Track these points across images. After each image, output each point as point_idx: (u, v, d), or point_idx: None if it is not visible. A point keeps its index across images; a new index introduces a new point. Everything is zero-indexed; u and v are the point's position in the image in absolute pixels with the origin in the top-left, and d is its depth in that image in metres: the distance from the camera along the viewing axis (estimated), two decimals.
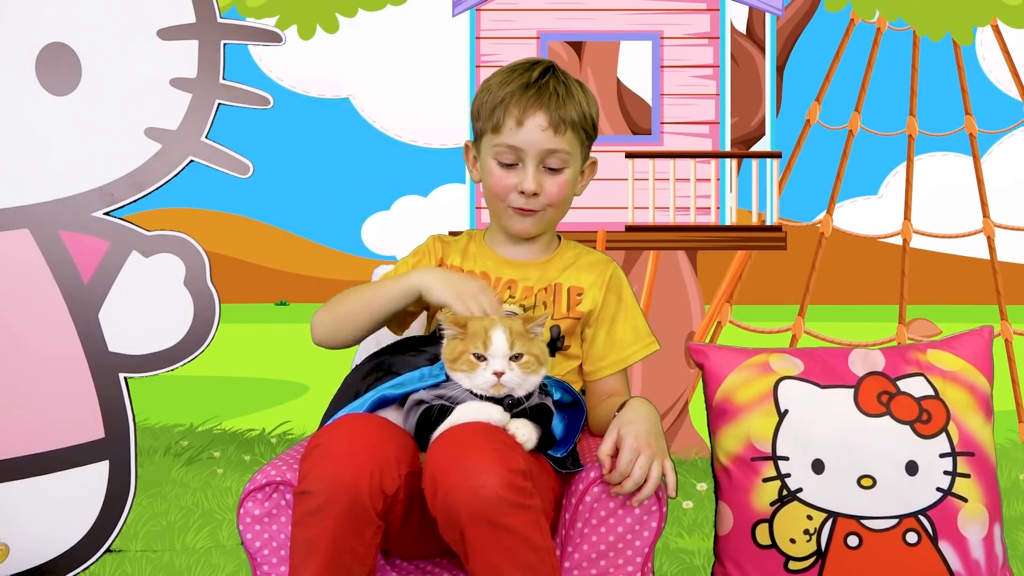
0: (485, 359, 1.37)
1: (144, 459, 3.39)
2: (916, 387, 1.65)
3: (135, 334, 2.34)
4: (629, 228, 3.60)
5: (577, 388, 1.60)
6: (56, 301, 2.32)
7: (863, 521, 1.60)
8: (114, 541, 2.35)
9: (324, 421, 1.50)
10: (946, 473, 1.61)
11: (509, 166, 1.58)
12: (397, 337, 1.61)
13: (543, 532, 1.29)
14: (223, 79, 2.34)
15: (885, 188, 3.86)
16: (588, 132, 1.61)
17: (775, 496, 1.61)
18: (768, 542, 1.61)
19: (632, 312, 1.66)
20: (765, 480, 1.62)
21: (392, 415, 1.42)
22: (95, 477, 2.34)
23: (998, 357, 2.24)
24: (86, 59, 2.33)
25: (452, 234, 1.74)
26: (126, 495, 2.35)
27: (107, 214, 2.34)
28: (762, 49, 3.78)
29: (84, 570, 2.35)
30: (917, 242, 3.80)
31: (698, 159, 3.64)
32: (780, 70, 3.81)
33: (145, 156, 2.34)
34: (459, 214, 3.70)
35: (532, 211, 1.60)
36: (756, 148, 3.80)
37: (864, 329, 3.75)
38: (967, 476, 1.62)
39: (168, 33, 2.33)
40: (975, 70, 3.79)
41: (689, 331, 3.78)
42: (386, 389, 1.43)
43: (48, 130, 2.34)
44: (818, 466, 1.61)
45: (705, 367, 1.70)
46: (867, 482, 1.60)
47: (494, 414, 1.35)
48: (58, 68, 2.32)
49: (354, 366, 1.68)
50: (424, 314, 1.67)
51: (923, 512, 1.60)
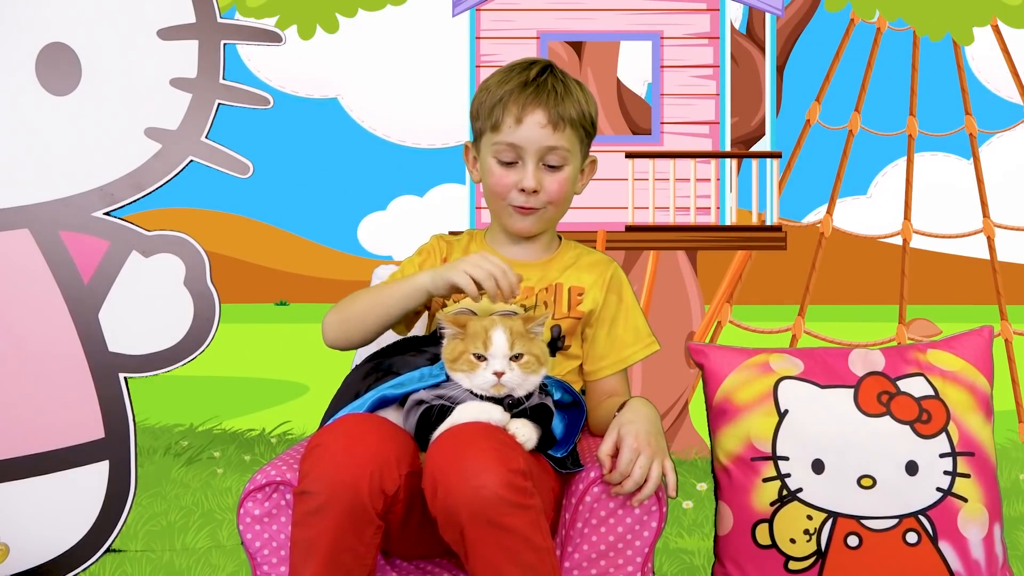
0: (485, 359, 1.37)
1: (144, 459, 3.39)
2: (916, 387, 1.65)
3: (135, 334, 2.34)
4: (629, 228, 3.60)
5: (577, 388, 1.60)
6: (56, 301, 2.31)
7: (863, 521, 1.60)
8: (114, 541, 2.35)
9: (324, 421, 1.50)
10: (946, 473, 1.61)
11: (509, 164, 1.58)
12: (398, 337, 1.61)
13: (543, 532, 1.29)
14: (223, 79, 2.34)
15: (874, 188, 3.86)
16: (587, 130, 1.61)
17: (775, 496, 1.61)
18: (768, 542, 1.61)
19: (633, 312, 1.66)
20: (765, 480, 1.62)
21: (392, 415, 1.42)
22: (95, 477, 2.34)
23: (998, 357, 2.24)
24: (86, 59, 2.33)
25: (452, 234, 1.74)
26: (126, 495, 2.35)
27: (107, 214, 2.34)
28: (762, 49, 3.78)
29: (84, 570, 2.35)
30: (917, 242, 3.80)
31: (698, 159, 3.64)
32: (780, 70, 3.81)
33: (145, 156, 2.34)
34: (455, 214, 3.70)
35: (532, 209, 1.60)
36: (756, 148, 3.80)
37: (864, 329, 3.75)
38: (967, 476, 1.62)
39: (168, 33, 2.32)
40: (966, 71, 3.80)
41: (689, 331, 3.78)
42: (386, 389, 1.43)
43: (48, 130, 2.33)
44: (818, 466, 1.61)
45: (705, 367, 1.70)
46: (867, 482, 1.60)
47: (494, 414, 1.35)
48: (58, 68, 2.32)
49: (354, 366, 1.68)
50: (424, 314, 1.67)
51: (923, 512, 1.60)
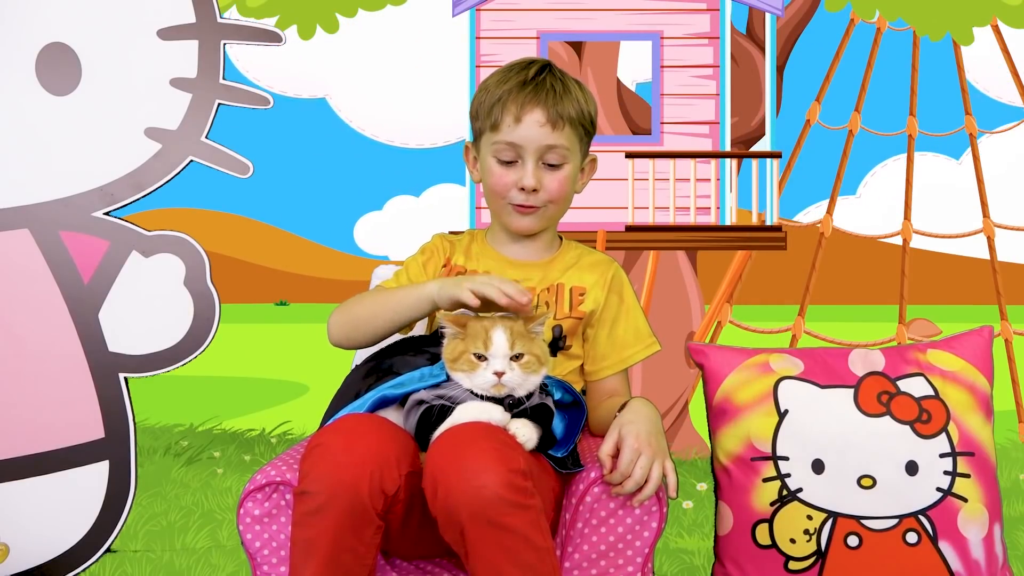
0: (486, 359, 1.37)
1: (144, 459, 3.39)
2: (916, 387, 1.65)
3: (135, 334, 2.34)
4: (629, 228, 3.60)
5: (578, 388, 1.60)
6: (56, 301, 2.31)
7: (863, 521, 1.60)
8: (114, 541, 2.35)
9: (324, 421, 1.50)
10: (946, 473, 1.61)
11: (508, 163, 1.58)
12: (398, 336, 1.61)
13: (543, 532, 1.29)
14: (223, 79, 2.34)
15: (863, 188, 3.86)
16: (586, 129, 1.61)
17: (775, 496, 1.61)
18: (768, 542, 1.61)
19: (633, 313, 1.66)
20: (765, 480, 1.62)
21: (392, 415, 1.42)
22: (95, 477, 2.34)
23: (998, 357, 2.24)
24: (86, 59, 2.33)
25: (453, 234, 1.74)
26: (126, 495, 2.35)
27: (107, 214, 2.34)
28: (762, 49, 3.78)
29: (84, 570, 2.35)
30: (917, 242, 3.80)
31: (698, 159, 3.64)
32: (780, 70, 3.81)
33: (145, 156, 2.34)
34: (451, 214, 3.70)
35: (533, 208, 1.60)
36: (756, 148, 3.80)
37: (864, 329, 3.74)
38: (967, 476, 1.62)
39: (168, 33, 2.32)
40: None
41: (689, 331, 3.78)
42: (386, 389, 1.43)
43: (48, 130, 2.33)
44: (818, 466, 1.61)
45: (705, 367, 1.70)
46: (867, 482, 1.60)
47: (494, 414, 1.35)
48: (58, 68, 2.32)
49: (354, 366, 1.68)
50: None
51: (923, 512, 1.60)
